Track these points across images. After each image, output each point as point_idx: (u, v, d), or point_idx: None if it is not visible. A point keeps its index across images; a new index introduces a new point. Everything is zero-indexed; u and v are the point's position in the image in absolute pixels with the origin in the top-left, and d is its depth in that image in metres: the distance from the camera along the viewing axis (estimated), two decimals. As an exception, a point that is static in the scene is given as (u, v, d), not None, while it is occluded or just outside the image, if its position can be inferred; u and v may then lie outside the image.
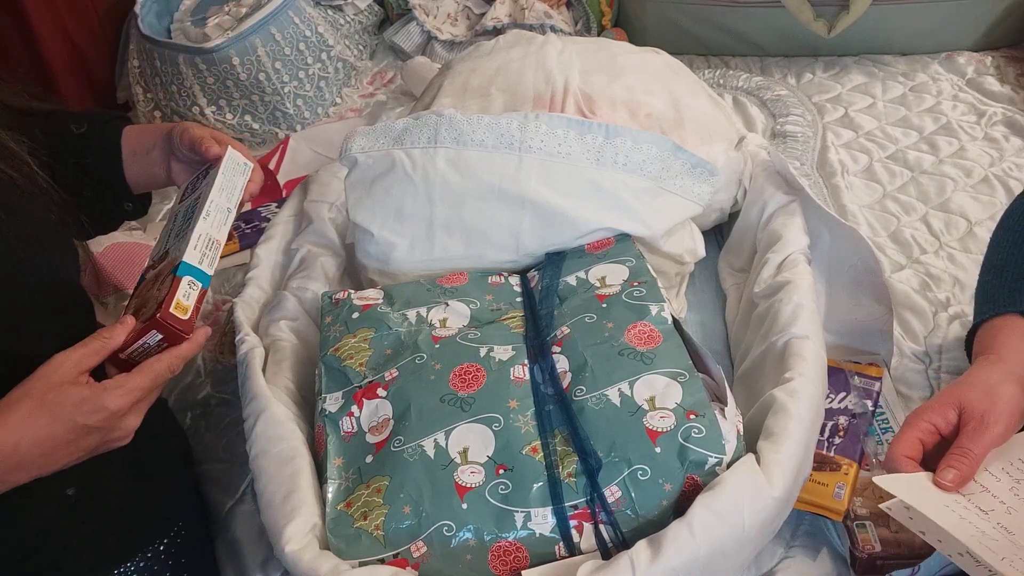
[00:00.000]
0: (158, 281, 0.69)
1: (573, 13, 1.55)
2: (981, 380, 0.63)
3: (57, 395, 0.61)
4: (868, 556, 0.75)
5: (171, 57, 1.40)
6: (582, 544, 0.64)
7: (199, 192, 0.74)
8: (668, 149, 0.88)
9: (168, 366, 0.66)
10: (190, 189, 0.76)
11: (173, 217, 0.76)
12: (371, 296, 0.82)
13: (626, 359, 0.70)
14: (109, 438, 0.64)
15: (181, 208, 0.75)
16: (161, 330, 0.66)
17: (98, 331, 0.65)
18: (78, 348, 0.64)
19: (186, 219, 0.72)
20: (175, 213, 0.76)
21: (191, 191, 0.76)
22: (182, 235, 0.71)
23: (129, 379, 0.63)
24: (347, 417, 0.72)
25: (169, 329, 0.66)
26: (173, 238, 0.72)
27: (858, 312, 0.94)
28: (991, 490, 0.60)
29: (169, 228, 0.75)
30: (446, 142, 0.87)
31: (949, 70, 1.41)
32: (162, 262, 0.71)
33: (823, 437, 0.82)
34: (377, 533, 0.64)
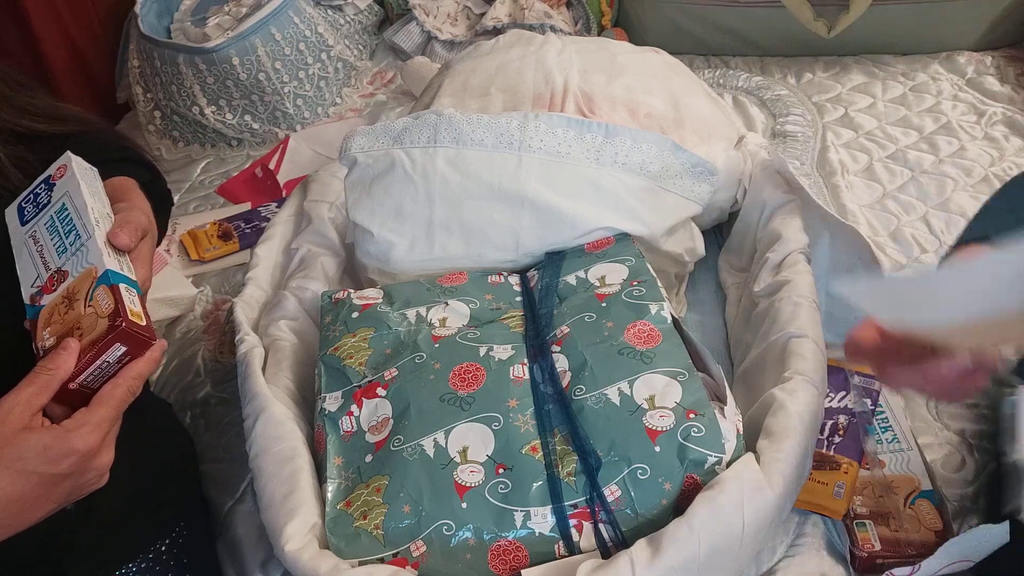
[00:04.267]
0: (75, 300, 0.62)
1: (573, 13, 1.55)
2: None
3: (14, 448, 0.54)
4: (868, 555, 0.75)
5: (171, 57, 1.40)
6: (582, 543, 0.64)
7: (56, 204, 0.67)
8: (668, 149, 0.88)
9: (129, 389, 0.60)
10: (31, 206, 0.69)
11: (27, 239, 0.67)
12: (371, 296, 0.82)
13: (626, 358, 0.70)
14: (82, 482, 0.58)
15: (39, 226, 0.67)
16: (126, 341, 0.60)
17: (40, 364, 0.58)
18: (23, 387, 0.56)
19: (63, 233, 0.65)
20: (29, 234, 0.67)
21: (35, 208, 0.68)
22: (74, 249, 0.64)
23: (92, 413, 0.57)
24: (347, 416, 0.72)
25: (136, 337, 0.60)
26: (55, 255, 0.65)
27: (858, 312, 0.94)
28: None
29: (34, 248, 0.67)
30: (446, 142, 0.87)
31: (949, 70, 1.41)
32: (61, 282, 0.64)
33: (823, 436, 0.82)
34: (377, 532, 0.64)
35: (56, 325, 0.62)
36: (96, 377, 0.60)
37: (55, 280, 0.64)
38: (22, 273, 0.66)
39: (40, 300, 0.64)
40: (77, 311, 0.62)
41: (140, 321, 0.61)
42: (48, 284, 0.65)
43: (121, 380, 0.59)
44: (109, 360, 0.60)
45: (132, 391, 0.60)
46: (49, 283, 0.64)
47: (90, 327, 0.60)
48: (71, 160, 0.68)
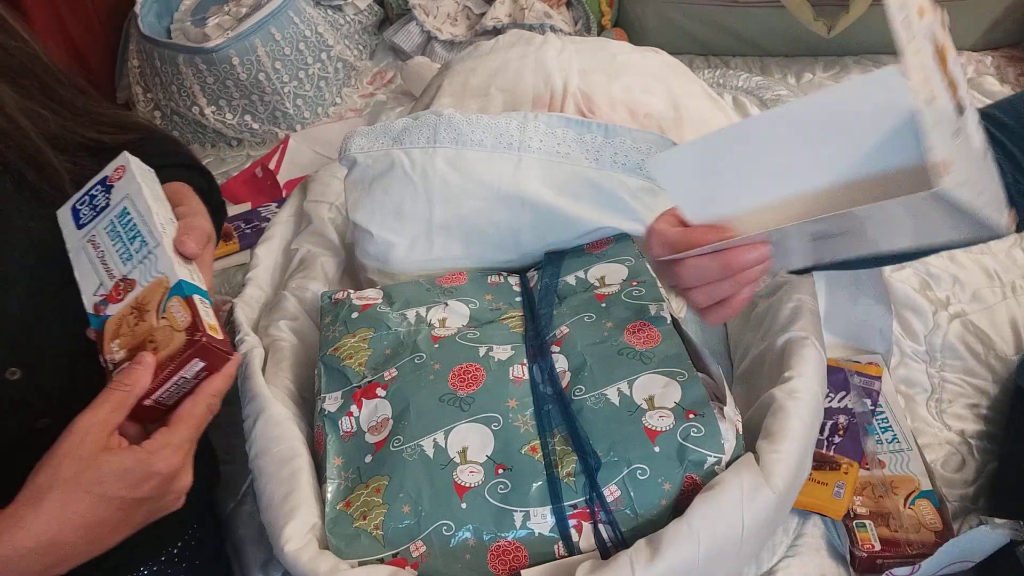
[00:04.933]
0: (146, 311, 0.60)
1: (573, 13, 1.55)
2: None
3: (93, 471, 0.52)
4: (868, 555, 0.75)
5: (171, 57, 1.40)
6: (581, 543, 0.64)
7: (116, 207, 0.64)
8: (667, 149, 0.88)
9: (208, 408, 0.57)
10: (87, 209, 0.66)
11: (85, 243, 0.65)
12: (370, 296, 0.82)
13: (625, 358, 0.70)
14: (159, 506, 0.56)
15: (98, 230, 0.65)
16: (205, 356, 0.57)
17: (115, 380, 0.56)
18: (100, 405, 0.54)
19: (126, 239, 0.63)
20: (87, 238, 0.65)
21: (92, 211, 0.66)
22: (141, 256, 0.62)
23: (172, 433, 0.55)
24: (346, 417, 0.72)
25: (215, 352, 0.57)
26: (119, 262, 0.63)
27: (858, 311, 0.94)
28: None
29: (94, 254, 0.64)
30: (445, 142, 0.87)
31: (949, 70, 1.41)
32: (128, 291, 0.62)
33: (823, 436, 0.83)
34: (376, 533, 0.64)
35: (126, 337, 0.60)
36: (172, 393, 0.58)
37: (121, 289, 0.62)
38: (82, 279, 0.63)
39: (105, 310, 0.61)
40: (149, 323, 0.59)
41: (217, 335, 0.58)
42: (113, 293, 0.62)
43: (200, 398, 0.57)
44: (186, 376, 0.58)
45: (211, 409, 0.58)
46: (115, 292, 0.62)
47: (165, 341, 0.58)
48: (129, 161, 0.65)
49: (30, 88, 0.68)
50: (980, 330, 0.98)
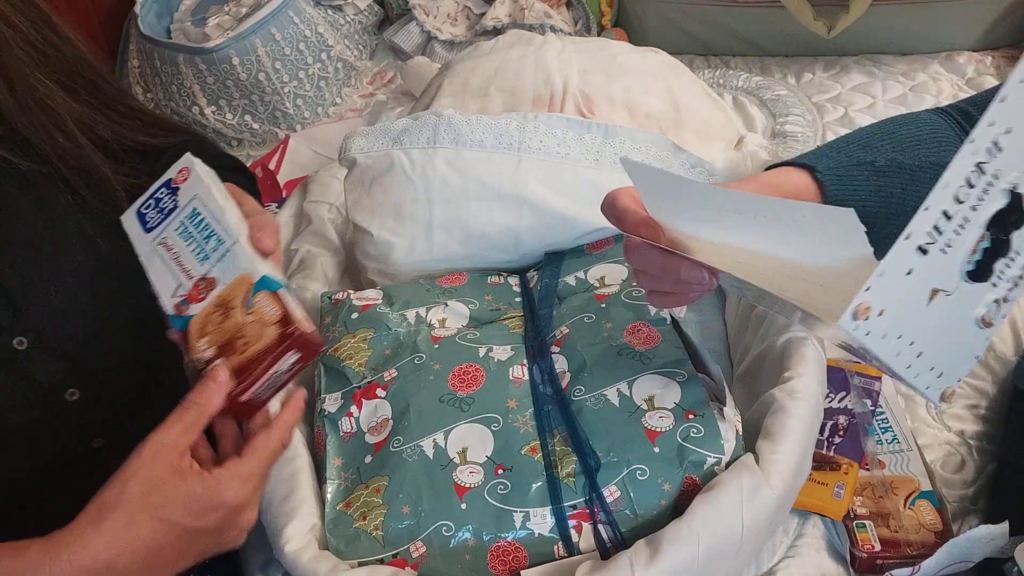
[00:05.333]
0: (231, 308, 0.59)
1: (573, 13, 1.55)
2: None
3: (160, 495, 0.50)
4: (868, 556, 0.75)
5: (171, 57, 1.40)
6: (581, 544, 0.64)
7: (185, 209, 0.65)
8: (667, 149, 0.88)
9: (281, 441, 0.56)
10: (154, 212, 0.66)
11: (156, 246, 0.65)
12: (370, 296, 0.82)
13: (625, 359, 0.70)
14: (223, 539, 0.54)
15: (168, 232, 0.65)
16: (301, 347, 0.57)
17: (188, 398, 0.54)
18: (172, 425, 0.53)
19: (200, 239, 0.63)
20: (158, 241, 0.65)
21: (160, 214, 0.66)
22: (219, 255, 0.62)
23: (243, 464, 0.53)
24: (346, 417, 0.72)
25: (309, 343, 0.57)
26: (195, 262, 0.63)
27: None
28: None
29: (168, 256, 0.64)
30: (445, 142, 0.87)
31: (949, 70, 1.41)
32: (209, 290, 0.61)
33: (823, 437, 0.82)
34: (376, 533, 0.64)
35: (214, 335, 0.59)
36: (266, 388, 0.58)
37: (202, 288, 0.61)
38: (157, 282, 0.63)
39: (187, 310, 0.61)
40: (236, 320, 0.59)
41: (309, 327, 0.58)
42: (194, 292, 0.61)
43: (274, 431, 0.56)
44: (281, 369, 0.58)
45: (285, 442, 0.57)
46: (195, 291, 0.61)
47: (256, 335, 0.58)
48: (192, 163, 0.65)
49: (79, 91, 0.67)
50: (980, 330, 0.98)
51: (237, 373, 0.57)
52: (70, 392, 0.64)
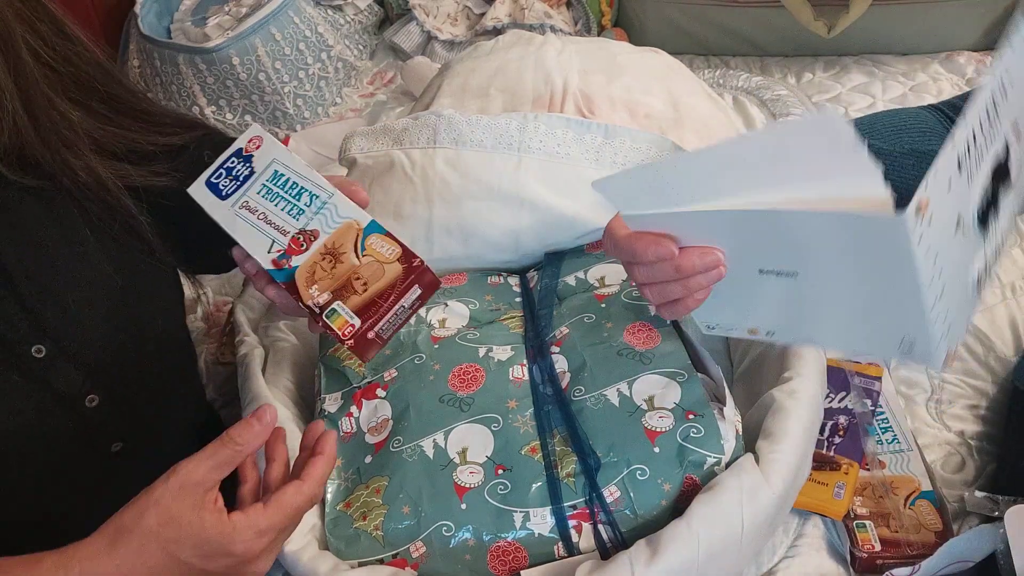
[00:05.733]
0: (340, 253, 0.62)
1: (573, 13, 1.55)
2: None
3: (175, 529, 0.50)
4: (868, 556, 0.75)
5: (171, 57, 1.40)
6: (581, 544, 0.64)
7: (264, 173, 0.67)
8: (667, 149, 0.88)
9: (311, 498, 0.54)
10: (228, 181, 0.68)
11: (238, 210, 0.66)
12: (370, 296, 0.82)
13: (625, 359, 0.70)
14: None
15: (250, 195, 0.66)
16: (424, 282, 0.60)
17: (228, 434, 0.52)
18: (205, 459, 0.51)
19: (289, 198, 0.65)
20: (239, 204, 0.66)
21: (235, 181, 0.68)
22: (315, 209, 0.64)
23: (262, 517, 0.51)
24: (346, 417, 0.72)
25: (431, 280, 0.60)
26: (289, 219, 0.64)
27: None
28: None
29: (254, 218, 0.66)
30: (445, 142, 0.87)
31: (949, 70, 1.41)
32: (311, 241, 0.63)
33: (823, 437, 0.82)
34: (376, 533, 0.64)
35: (325, 280, 0.62)
36: (389, 325, 0.60)
37: (302, 240, 0.64)
38: (246, 243, 0.65)
39: (288, 263, 0.63)
40: (348, 263, 0.62)
41: (425, 262, 0.61)
42: (293, 246, 0.64)
43: (306, 486, 0.54)
44: (404, 305, 0.60)
45: (313, 499, 0.54)
46: (294, 244, 0.64)
47: (375, 275, 0.61)
48: (263, 132, 0.69)
49: (92, 105, 0.67)
50: (980, 331, 0.98)
51: (362, 311, 0.60)
52: (89, 399, 0.64)
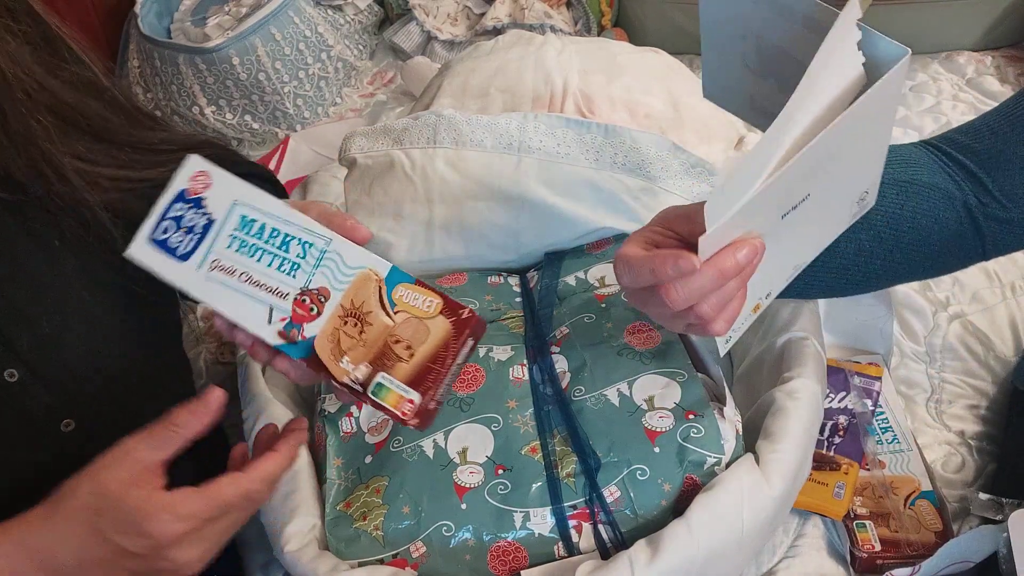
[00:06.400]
0: (366, 314, 0.52)
1: (573, 13, 1.55)
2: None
3: (102, 501, 0.49)
4: (868, 555, 0.75)
5: (171, 57, 1.40)
6: (581, 544, 0.64)
7: (228, 220, 0.55)
8: (667, 149, 0.88)
9: (245, 494, 0.51)
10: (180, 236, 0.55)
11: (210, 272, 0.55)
12: (370, 296, 0.82)
13: (625, 359, 0.70)
14: (152, 569, 0.50)
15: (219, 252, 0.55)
16: (477, 333, 0.52)
17: (169, 417, 0.51)
18: (144, 437, 0.51)
19: (273, 249, 0.54)
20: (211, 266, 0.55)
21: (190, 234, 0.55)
22: (314, 261, 0.53)
23: (186, 502, 0.49)
24: (346, 417, 0.72)
25: (481, 325, 0.52)
26: (283, 277, 0.53)
27: (858, 312, 0.94)
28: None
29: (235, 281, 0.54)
30: (445, 142, 0.87)
31: (949, 70, 1.40)
32: (322, 302, 0.53)
33: (823, 437, 0.83)
34: (376, 533, 0.64)
35: (357, 350, 0.52)
36: (448, 387, 0.53)
37: (309, 304, 0.53)
38: (235, 313, 0.53)
39: (301, 334, 0.53)
40: (380, 325, 0.52)
41: (473, 310, 0.52)
42: (300, 312, 0.53)
43: (241, 481, 0.51)
44: (459, 363, 0.52)
45: (250, 496, 0.51)
46: (301, 310, 0.53)
47: (418, 335, 0.52)
48: (206, 164, 0.56)
49: (86, 140, 0.62)
50: (980, 331, 0.98)
51: (416, 382, 0.52)
52: (65, 423, 0.63)
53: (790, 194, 0.52)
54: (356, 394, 0.53)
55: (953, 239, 0.67)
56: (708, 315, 0.52)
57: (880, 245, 0.66)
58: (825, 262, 0.66)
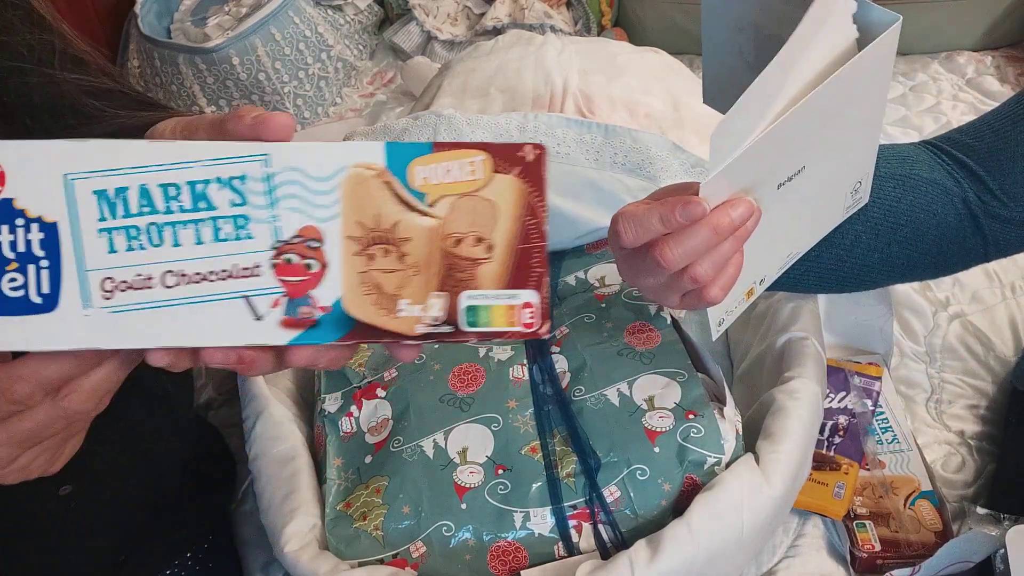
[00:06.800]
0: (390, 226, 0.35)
1: (573, 13, 1.55)
2: None
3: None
4: (868, 555, 0.75)
5: (171, 57, 1.40)
6: (581, 544, 0.64)
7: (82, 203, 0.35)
8: (667, 149, 0.88)
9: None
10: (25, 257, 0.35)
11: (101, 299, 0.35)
12: (370, 296, 0.82)
13: (625, 359, 0.70)
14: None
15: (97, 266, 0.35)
16: (542, 162, 0.35)
17: None
18: None
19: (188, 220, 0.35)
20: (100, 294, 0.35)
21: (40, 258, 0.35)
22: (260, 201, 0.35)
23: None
24: (346, 417, 0.72)
25: (542, 154, 0.35)
26: (240, 236, 0.35)
27: (858, 311, 0.94)
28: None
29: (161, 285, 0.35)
30: (445, 142, 0.87)
31: (949, 70, 1.40)
32: (317, 244, 0.36)
33: (823, 437, 0.82)
34: (376, 533, 0.64)
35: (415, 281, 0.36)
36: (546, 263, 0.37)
37: (299, 260, 0.36)
38: (199, 336, 0.36)
39: (317, 306, 0.36)
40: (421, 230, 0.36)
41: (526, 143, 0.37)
42: (294, 279, 0.36)
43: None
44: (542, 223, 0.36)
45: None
46: (294, 275, 0.36)
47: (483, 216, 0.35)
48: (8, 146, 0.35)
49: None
50: (980, 331, 0.98)
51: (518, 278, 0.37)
52: (63, 488, 0.62)
53: (786, 158, 0.52)
54: (448, 337, 0.37)
55: (952, 237, 0.67)
56: (704, 277, 0.50)
57: (877, 238, 0.66)
58: (820, 252, 0.66)
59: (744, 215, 0.50)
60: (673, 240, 0.50)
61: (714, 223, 0.49)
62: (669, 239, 0.50)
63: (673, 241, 0.50)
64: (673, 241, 0.50)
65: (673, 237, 0.50)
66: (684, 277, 0.51)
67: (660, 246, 0.50)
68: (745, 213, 0.50)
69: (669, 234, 0.50)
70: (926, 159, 0.68)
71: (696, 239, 0.49)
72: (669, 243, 0.50)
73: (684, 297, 0.54)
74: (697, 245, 0.50)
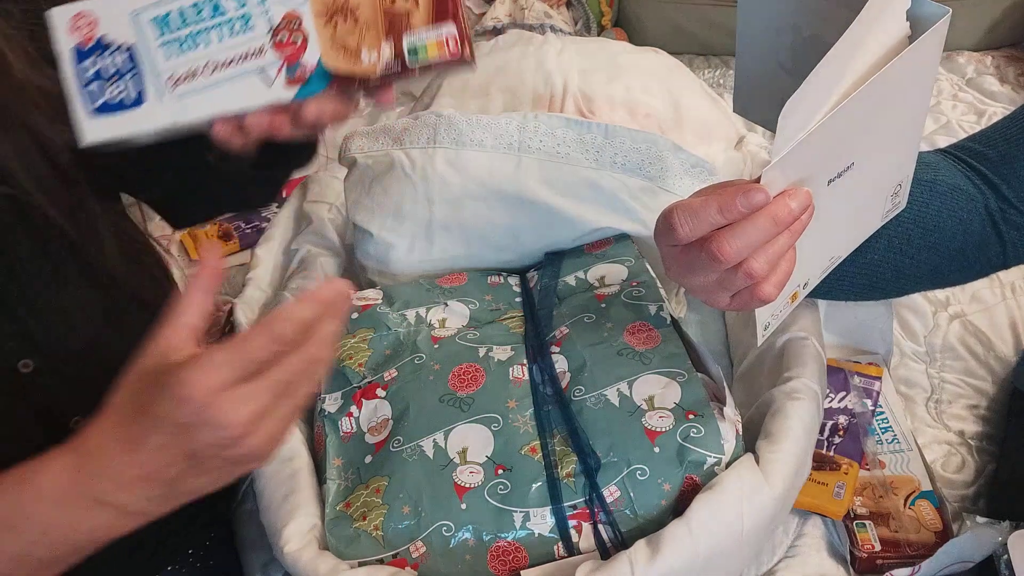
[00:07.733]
0: (344, 2, 0.49)
1: (573, 13, 1.55)
2: None
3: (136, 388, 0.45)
4: (868, 556, 0.75)
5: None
6: (581, 544, 0.64)
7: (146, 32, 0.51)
8: (667, 149, 0.88)
9: (266, 332, 0.43)
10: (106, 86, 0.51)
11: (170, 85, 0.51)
12: (370, 296, 0.82)
13: (625, 359, 0.70)
14: (210, 440, 0.42)
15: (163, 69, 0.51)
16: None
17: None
18: (159, 327, 0.46)
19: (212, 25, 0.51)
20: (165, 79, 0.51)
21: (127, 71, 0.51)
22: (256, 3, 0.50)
23: (211, 351, 0.43)
24: (346, 417, 0.72)
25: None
26: (245, 30, 0.50)
27: (858, 311, 0.94)
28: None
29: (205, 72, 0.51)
30: (445, 142, 0.87)
31: (949, 70, 1.41)
32: (299, 23, 0.50)
33: (823, 437, 0.83)
34: (376, 533, 0.64)
35: (368, 35, 0.49)
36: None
37: (289, 37, 0.49)
38: (235, 103, 0.50)
39: (306, 68, 0.49)
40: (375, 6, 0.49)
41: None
42: (288, 51, 0.49)
43: (263, 322, 0.44)
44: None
45: (275, 335, 0.43)
46: (287, 49, 0.49)
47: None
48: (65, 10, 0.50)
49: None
50: (980, 331, 0.98)
51: (440, 15, 0.48)
52: (74, 420, 0.63)
53: (838, 152, 0.51)
54: (400, 75, 0.48)
55: (976, 243, 0.67)
56: (759, 272, 0.49)
57: (909, 244, 0.66)
58: (856, 258, 0.65)
59: (803, 205, 0.49)
60: (731, 232, 0.48)
61: (773, 213, 0.48)
62: (727, 231, 0.48)
63: (731, 233, 0.48)
64: (731, 233, 0.48)
65: (731, 229, 0.48)
66: (738, 273, 0.49)
67: (718, 238, 0.48)
68: (804, 203, 0.49)
69: (726, 226, 0.49)
70: (947, 166, 0.68)
71: (755, 230, 0.48)
72: (727, 235, 0.48)
73: (736, 296, 0.53)
74: (756, 237, 0.48)
